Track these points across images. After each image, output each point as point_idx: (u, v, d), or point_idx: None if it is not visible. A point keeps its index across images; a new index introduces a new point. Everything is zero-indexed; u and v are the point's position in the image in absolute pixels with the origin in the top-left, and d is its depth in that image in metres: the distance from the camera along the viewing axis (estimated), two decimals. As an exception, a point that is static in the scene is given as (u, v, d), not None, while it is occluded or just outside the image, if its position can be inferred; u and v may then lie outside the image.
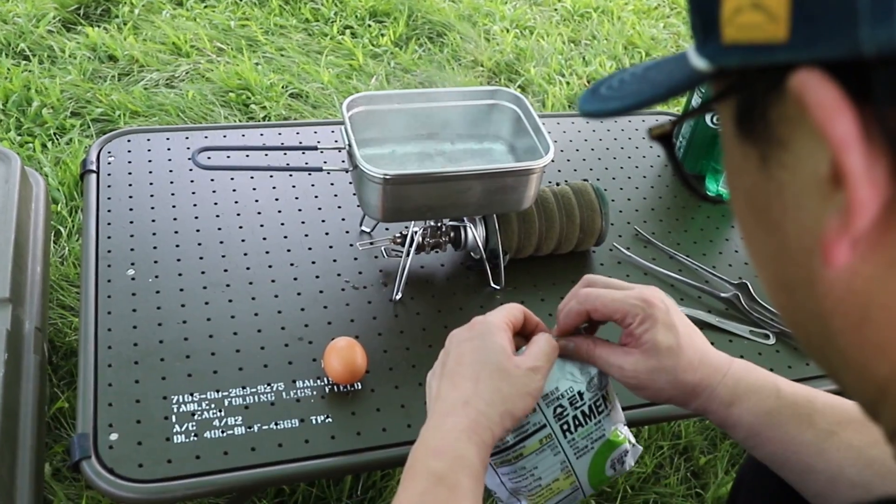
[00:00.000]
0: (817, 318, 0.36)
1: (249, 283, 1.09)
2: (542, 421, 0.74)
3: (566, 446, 0.75)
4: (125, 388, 0.95)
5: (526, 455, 0.74)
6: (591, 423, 0.76)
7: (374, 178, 0.95)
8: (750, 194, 0.36)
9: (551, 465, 0.75)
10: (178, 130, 1.34)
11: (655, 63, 0.44)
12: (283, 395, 0.96)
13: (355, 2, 2.60)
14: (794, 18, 0.29)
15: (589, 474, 0.76)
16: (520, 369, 0.69)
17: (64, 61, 2.16)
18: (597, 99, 0.44)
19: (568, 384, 0.75)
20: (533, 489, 0.75)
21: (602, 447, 0.76)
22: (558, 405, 0.74)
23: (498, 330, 0.72)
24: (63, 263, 1.63)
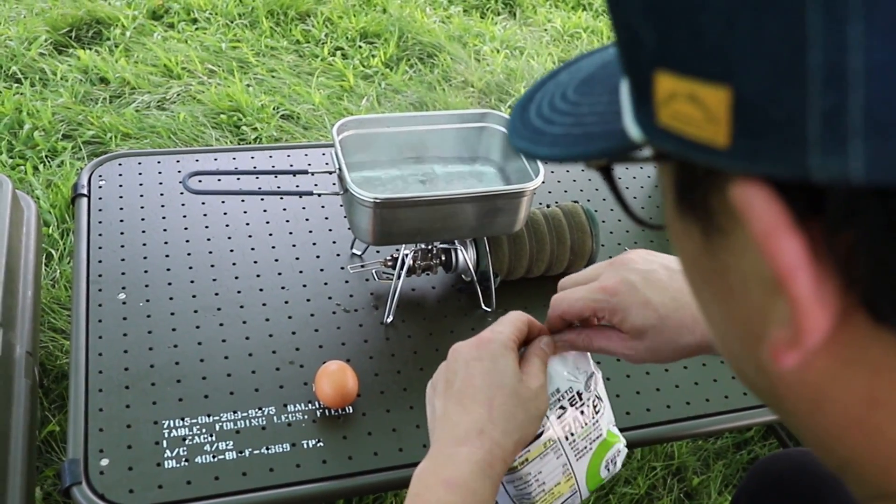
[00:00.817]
0: (769, 394, 0.34)
1: (240, 306, 1.09)
2: (545, 424, 0.73)
3: (568, 448, 0.74)
4: (116, 412, 0.94)
5: (531, 461, 0.72)
6: (591, 423, 0.75)
7: (365, 201, 0.96)
8: (693, 260, 0.34)
9: (554, 469, 0.73)
10: (168, 154, 1.34)
11: (591, 83, 0.39)
12: (274, 419, 0.96)
13: (346, 23, 2.62)
14: (736, 127, 0.25)
15: (587, 476, 0.75)
16: (530, 391, 0.68)
17: (55, 84, 2.17)
18: (525, 126, 0.40)
19: (567, 384, 0.74)
20: (537, 495, 0.74)
21: (599, 447, 0.75)
22: (559, 407, 0.73)
23: (508, 350, 0.70)
24: (54, 286, 1.63)
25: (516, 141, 0.39)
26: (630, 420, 1.02)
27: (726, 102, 0.25)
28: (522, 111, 0.41)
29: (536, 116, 0.39)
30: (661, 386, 1.06)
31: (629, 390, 1.05)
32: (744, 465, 1.50)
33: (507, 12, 2.92)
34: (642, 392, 1.05)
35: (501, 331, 0.71)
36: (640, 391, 1.05)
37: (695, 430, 1.04)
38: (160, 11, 2.55)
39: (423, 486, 0.63)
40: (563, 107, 0.38)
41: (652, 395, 1.05)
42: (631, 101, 0.31)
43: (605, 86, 0.36)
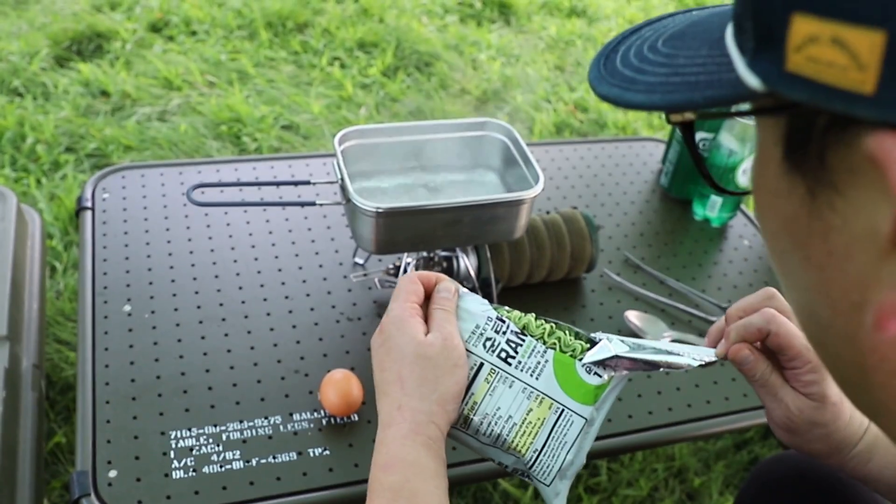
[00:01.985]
0: (854, 366, 0.33)
1: (245, 316, 1.10)
2: (477, 361, 0.70)
3: (516, 372, 0.70)
4: (123, 424, 0.95)
5: (480, 401, 0.70)
6: (528, 338, 0.71)
7: (367, 211, 0.97)
8: (788, 222, 0.33)
9: (514, 398, 0.70)
10: (171, 166, 1.36)
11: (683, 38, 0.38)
12: (280, 428, 0.97)
13: (343, 33, 2.63)
14: (886, 72, 0.24)
15: (565, 390, 0.70)
16: (435, 347, 0.67)
17: (57, 97, 2.18)
18: (612, 74, 0.39)
19: (484, 316, 0.72)
20: (511, 431, 0.70)
21: (557, 357, 0.71)
22: (485, 339, 0.71)
23: (403, 319, 0.69)
24: (59, 298, 1.64)
25: (603, 88, 0.38)
26: (632, 423, 1.03)
27: (880, 47, 0.24)
28: (605, 60, 0.40)
29: (624, 66, 0.39)
30: (663, 389, 1.08)
31: (631, 394, 1.06)
32: (744, 466, 1.51)
33: (503, 20, 2.94)
34: (644, 395, 1.07)
35: (392, 308, 0.71)
36: (641, 394, 1.07)
37: (696, 433, 1.05)
38: (160, 24, 2.56)
39: (370, 480, 0.64)
40: (655, 58, 0.37)
41: (653, 398, 1.06)
42: (749, 49, 0.30)
43: (701, 40, 0.36)
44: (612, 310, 1.18)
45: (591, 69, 0.40)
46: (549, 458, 0.70)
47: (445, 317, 0.70)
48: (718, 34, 0.34)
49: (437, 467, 0.63)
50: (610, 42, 0.42)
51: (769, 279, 1.29)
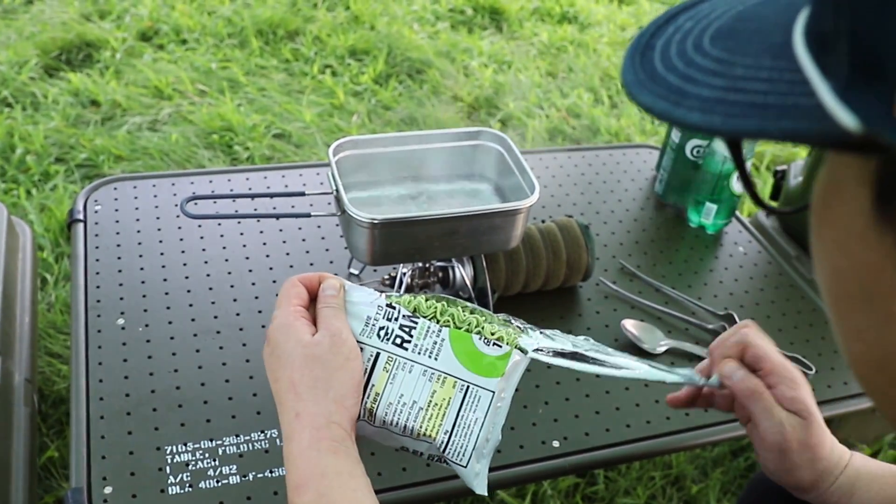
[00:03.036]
0: None
1: (240, 329, 1.09)
2: (373, 352, 0.70)
3: (413, 356, 0.69)
4: (118, 439, 0.94)
5: (382, 391, 0.69)
6: (421, 320, 0.70)
7: (362, 222, 0.96)
8: (865, 269, 0.30)
9: (416, 383, 0.69)
10: (164, 177, 1.35)
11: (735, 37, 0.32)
12: (277, 441, 0.96)
13: (335, 41, 2.63)
14: None
15: (466, 366, 0.69)
16: (322, 345, 0.65)
17: (47, 107, 2.17)
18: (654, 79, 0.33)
19: (374, 306, 0.71)
20: (417, 417, 0.69)
21: (452, 334, 0.70)
22: (378, 329, 0.70)
23: (287, 324, 0.67)
24: (50, 311, 1.63)
25: (645, 97, 0.33)
26: (630, 433, 1.03)
27: None
28: (642, 58, 0.35)
29: (666, 69, 0.33)
30: (660, 398, 1.07)
31: (629, 402, 1.06)
32: (741, 472, 1.51)
33: (494, 27, 2.94)
34: (642, 405, 1.06)
35: (275, 315, 0.69)
36: (639, 403, 1.06)
37: (695, 441, 1.05)
38: (149, 33, 2.56)
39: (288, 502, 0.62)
40: (704, 62, 0.32)
41: (651, 407, 1.06)
42: (840, 76, 0.25)
43: (758, 45, 0.31)
44: (608, 318, 1.18)
45: (624, 69, 0.34)
46: (462, 439, 0.69)
47: (332, 313, 0.69)
48: (780, 38, 0.29)
49: (350, 468, 0.62)
50: (643, 33, 0.36)
51: (764, 286, 1.29)
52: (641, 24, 3.07)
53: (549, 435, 1.01)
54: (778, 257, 1.36)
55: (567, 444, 1.00)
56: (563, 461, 0.99)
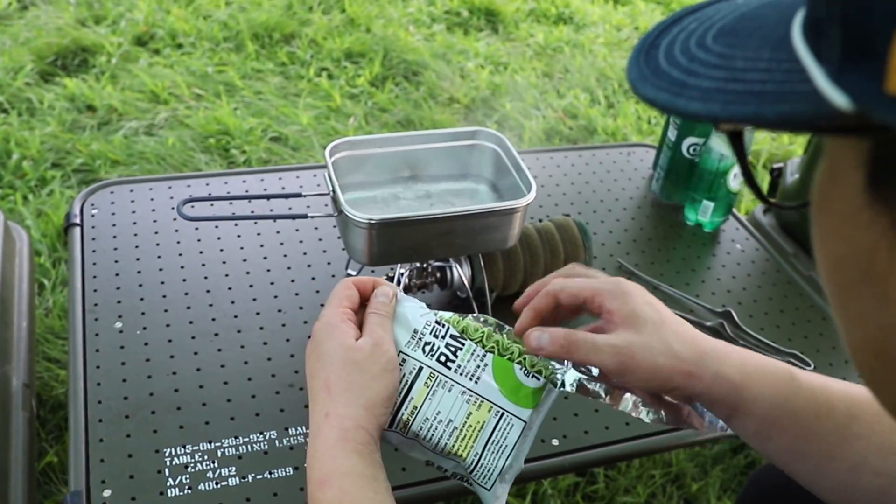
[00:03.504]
0: None
1: (238, 331, 1.09)
2: (416, 366, 0.71)
3: (455, 376, 0.70)
4: (117, 442, 0.94)
5: (420, 406, 0.70)
6: (468, 342, 0.71)
7: (360, 223, 0.96)
8: (861, 252, 0.30)
9: (454, 402, 0.70)
10: (160, 180, 1.35)
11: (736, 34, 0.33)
12: (276, 443, 0.96)
13: (330, 44, 2.63)
14: None
15: (505, 393, 0.70)
16: (363, 351, 0.66)
17: (43, 113, 2.17)
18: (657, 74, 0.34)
19: (423, 321, 0.72)
20: (452, 435, 0.70)
21: (496, 360, 0.71)
22: (424, 343, 0.71)
23: (333, 325, 0.68)
24: (48, 316, 1.62)
25: (647, 90, 0.34)
26: (629, 430, 1.03)
27: None
28: (647, 56, 0.36)
29: (669, 65, 0.34)
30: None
31: (628, 401, 1.06)
32: (741, 470, 1.51)
33: (490, 28, 2.94)
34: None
35: (323, 314, 0.70)
36: (638, 402, 1.06)
37: (695, 438, 1.05)
38: (145, 38, 2.56)
39: (308, 500, 0.63)
40: (706, 57, 0.33)
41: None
42: (833, 59, 0.26)
43: (759, 39, 0.31)
44: (606, 317, 1.18)
45: (630, 66, 0.35)
46: (490, 462, 0.70)
47: (379, 321, 0.70)
48: (781, 32, 0.30)
49: (373, 472, 0.62)
50: (649, 34, 0.37)
51: (762, 283, 1.29)
52: (637, 24, 3.07)
53: (549, 433, 1.01)
54: (775, 254, 1.36)
55: (566, 442, 1.00)
56: (562, 459, 0.99)
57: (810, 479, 0.66)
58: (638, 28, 3.04)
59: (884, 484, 0.62)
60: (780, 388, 0.64)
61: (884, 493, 0.62)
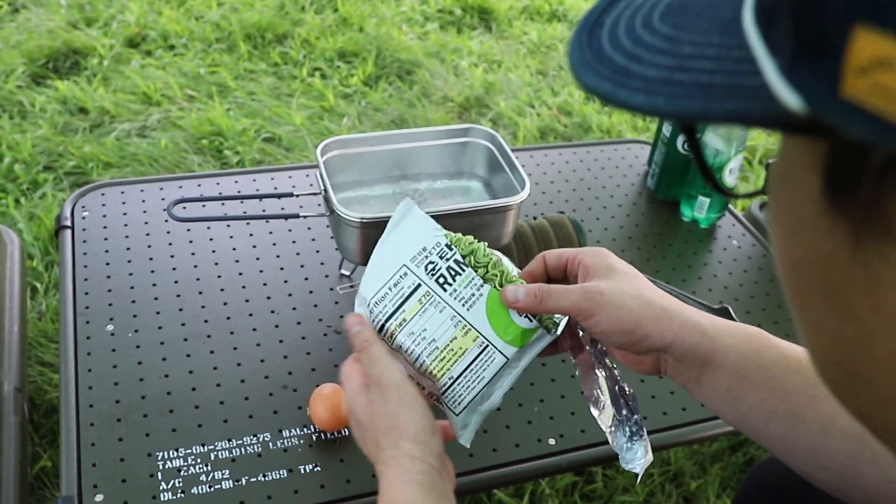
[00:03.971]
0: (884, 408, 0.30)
1: (231, 332, 1.08)
2: (415, 281, 0.72)
3: (449, 299, 0.71)
4: (109, 446, 0.93)
5: (410, 319, 0.71)
6: (468, 270, 0.72)
7: (352, 222, 0.96)
8: (819, 259, 0.28)
9: (441, 324, 0.71)
10: (152, 182, 1.34)
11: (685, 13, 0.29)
12: (269, 445, 0.95)
13: (323, 44, 2.62)
14: None
15: (493, 326, 0.71)
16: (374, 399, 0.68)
17: (34, 116, 2.15)
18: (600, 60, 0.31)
19: (434, 241, 0.73)
20: (431, 354, 0.71)
21: (491, 293, 0.71)
22: (428, 262, 0.72)
23: (345, 382, 0.71)
24: (41, 319, 1.61)
25: (589, 78, 0.30)
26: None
27: None
28: (590, 36, 0.32)
29: (613, 48, 0.31)
30: (657, 393, 1.06)
31: (624, 399, 1.05)
32: (740, 467, 1.50)
33: (483, 27, 2.93)
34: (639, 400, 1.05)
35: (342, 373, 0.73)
36: (635, 400, 1.05)
37: (693, 436, 1.04)
38: (137, 39, 2.54)
39: None
40: (652, 41, 0.29)
41: (648, 403, 1.05)
42: (785, 52, 0.23)
43: (709, 19, 0.28)
44: (602, 314, 1.17)
45: (571, 49, 0.32)
46: (463, 389, 0.71)
47: (367, 359, 0.70)
48: (731, 13, 0.27)
49: (434, 501, 0.63)
50: (593, 10, 0.34)
51: (759, 279, 1.28)
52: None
53: (546, 433, 1.00)
54: (772, 250, 1.35)
55: (564, 441, 0.99)
56: (559, 459, 0.98)
57: (782, 445, 0.65)
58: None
59: (853, 446, 0.61)
60: (751, 342, 0.64)
61: (852, 456, 0.61)
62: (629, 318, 0.65)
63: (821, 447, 0.62)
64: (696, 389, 0.68)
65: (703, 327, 0.65)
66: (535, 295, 0.68)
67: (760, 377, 0.64)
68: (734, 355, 0.64)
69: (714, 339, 0.64)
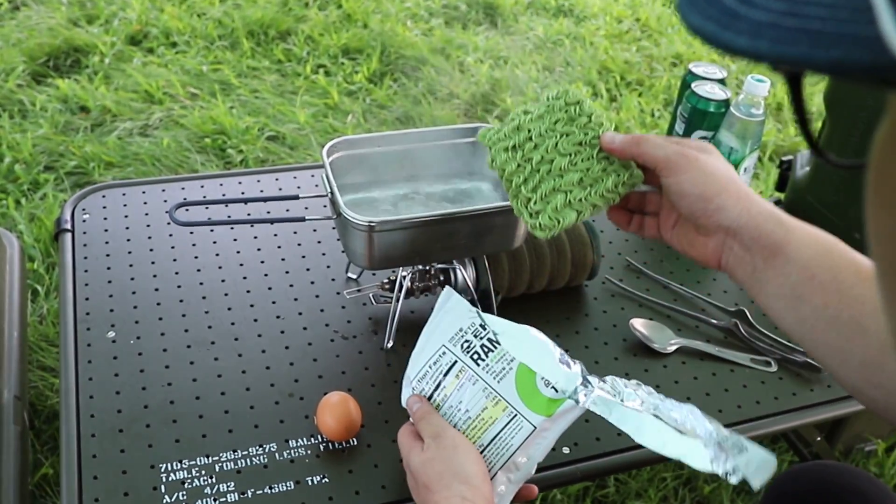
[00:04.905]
0: None
1: (235, 338, 1.05)
2: (452, 359, 0.80)
3: (482, 373, 0.78)
4: (110, 458, 0.91)
5: (450, 395, 0.79)
6: (500, 347, 0.78)
7: (360, 225, 0.93)
8: None
9: (474, 395, 0.77)
10: (154, 183, 1.31)
11: None
12: (276, 456, 0.92)
13: (327, 40, 2.59)
14: None
15: (521, 396, 0.76)
16: (430, 448, 0.74)
17: (35, 115, 2.13)
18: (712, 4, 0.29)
19: (469, 321, 0.81)
20: (465, 423, 0.78)
21: (520, 367, 0.77)
22: (464, 341, 0.80)
23: (402, 445, 0.78)
24: (42, 323, 1.59)
25: (694, 18, 0.29)
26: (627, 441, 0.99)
27: None
28: None
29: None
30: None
31: (640, 406, 1.02)
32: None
33: (489, 22, 2.90)
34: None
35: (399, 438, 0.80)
36: (651, 406, 1.02)
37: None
38: (139, 36, 2.52)
39: None
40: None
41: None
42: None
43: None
44: (616, 318, 1.14)
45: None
46: (493, 456, 0.77)
47: (425, 425, 0.78)
48: None
49: None
50: None
51: (776, 280, 1.25)
52: (638, 15, 3.03)
53: (560, 441, 0.96)
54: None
55: (578, 450, 0.96)
56: (574, 468, 0.95)
57: (839, 356, 0.63)
58: (639, 19, 2.99)
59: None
60: (826, 243, 0.65)
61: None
62: (713, 185, 0.67)
63: (879, 363, 0.60)
64: (757, 285, 0.68)
65: (780, 217, 0.66)
66: (632, 140, 0.73)
67: (829, 278, 0.63)
68: (807, 251, 0.64)
69: (790, 232, 0.65)
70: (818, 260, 0.64)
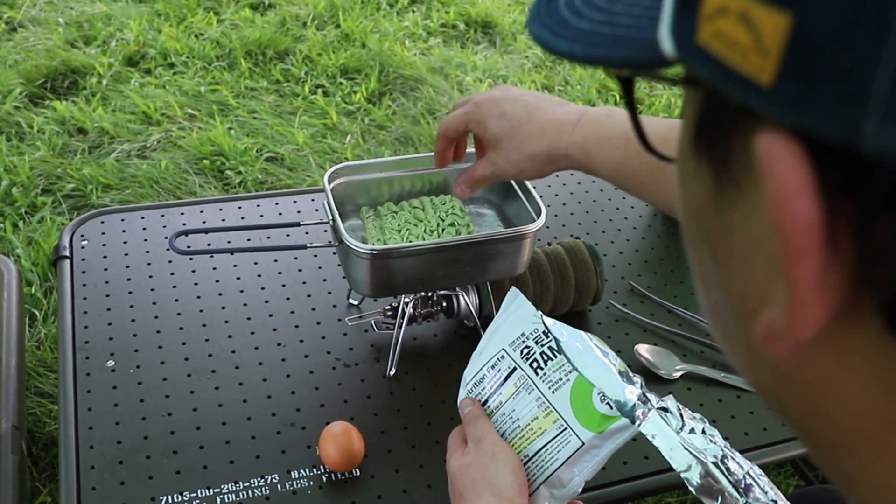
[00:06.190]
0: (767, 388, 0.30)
1: (236, 367, 1.04)
2: (511, 364, 0.79)
3: (539, 382, 0.76)
4: (110, 491, 0.89)
5: (506, 401, 0.78)
6: (560, 357, 0.76)
7: (361, 253, 0.92)
8: (698, 208, 0.29)
9: (527, 404, 0.76)
10: (153, 209, 1.30)
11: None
12: (278, 487, 0.91)
13: (325, 60, 2.59)
14: (787, 64, 0.21)
15: (574, 409, 0.74)
16: (470, 453, 0.75)
17: (32, 137, 2.12)
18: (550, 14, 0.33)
19: (532, 326, 0.79)
20: (513, 432, 0.77)
21: (578, 379, 0.75)
22: (524, 347, 0.78)
23: (449, 450, 0.78)
24: (39, 348, 1.57)
25: (535, 27, 0.33)
26: (649, 465, 0.98)
27: (783, 32, 0.21)
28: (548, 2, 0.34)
29: (566, 5, 0.33)
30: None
31: (646, 434, 1.01)
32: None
33: (487, 41, 2.90)
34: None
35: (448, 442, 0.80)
36: (657, 434, 1.01)
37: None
38: (136, 57, 2.51)
39: None
40: (600, 1, 0.32)
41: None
42: (673, 9, 0.25)
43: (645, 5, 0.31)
44: (620, 343, 1.13)
45: (534, 3, 0.35)
46: (536, 468, 0.75)
47: (472, 429, 0.77)
48: None
49: None
50: None
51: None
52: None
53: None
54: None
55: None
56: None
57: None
58: None
59: None
60: (615, 156, 0.81)
61: None
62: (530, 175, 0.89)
63: None
64: None
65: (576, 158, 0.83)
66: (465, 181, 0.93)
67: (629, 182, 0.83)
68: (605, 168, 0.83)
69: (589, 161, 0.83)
70: (616, 176, 0.82)
